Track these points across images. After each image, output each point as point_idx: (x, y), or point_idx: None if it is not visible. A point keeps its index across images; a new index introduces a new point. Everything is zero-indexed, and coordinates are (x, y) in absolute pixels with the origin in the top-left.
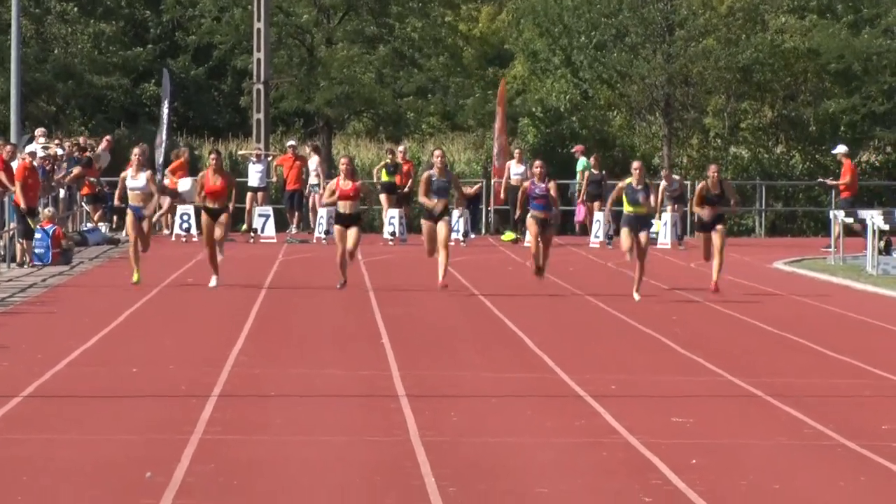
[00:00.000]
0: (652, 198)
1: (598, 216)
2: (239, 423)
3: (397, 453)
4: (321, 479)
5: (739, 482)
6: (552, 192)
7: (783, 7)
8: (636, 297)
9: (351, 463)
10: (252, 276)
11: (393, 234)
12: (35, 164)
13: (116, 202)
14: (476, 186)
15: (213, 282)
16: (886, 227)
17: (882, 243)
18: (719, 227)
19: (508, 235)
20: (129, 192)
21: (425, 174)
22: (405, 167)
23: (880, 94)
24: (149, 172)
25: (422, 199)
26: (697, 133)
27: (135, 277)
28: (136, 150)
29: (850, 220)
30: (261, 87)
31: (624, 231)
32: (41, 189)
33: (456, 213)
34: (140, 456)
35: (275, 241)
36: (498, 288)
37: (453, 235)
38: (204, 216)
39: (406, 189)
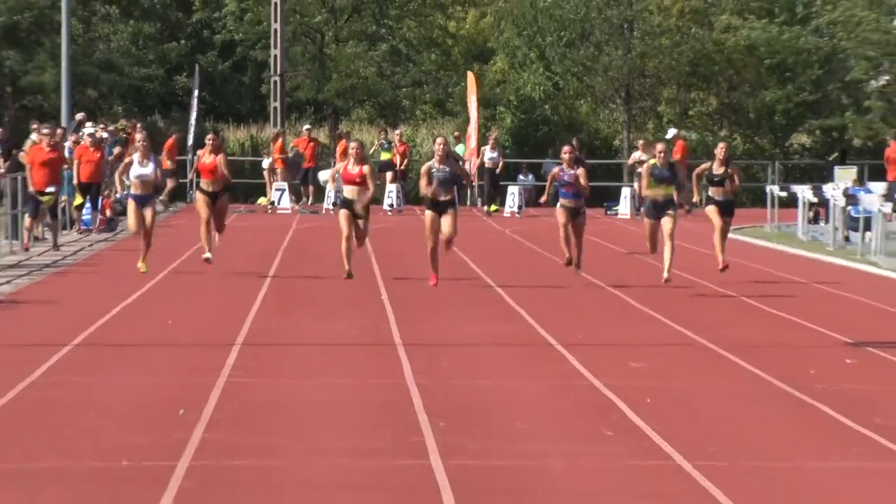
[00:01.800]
0: (680, 175)
1: None
2: (258, 368)
3: (395, 394)
4: (329, 416)
5: (687, 417)
6: (581, 180)
7: (727, 9)
8: (666, 276)
9: (355, 402)
10: (270, 241)
11: (391, 205)
12: (91, 145)
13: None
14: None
15: (207, 255)
16: (815, 200)
17: (811, 214)
18: (727, 218)
19: (493, 207)
20: (133, 180)
21: (425, 165)
22: (401, 148)
23: (810, 84)
24: (159, 159)
25: (423, 190)
26: (653, 119)
27: (141, 266)
28: (138, 137)
29: (783, 193)
30: (277, 78)
31: (647, 224)
32: (102, 167)
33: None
34: (174, 396)
35: (289, 211)
36: (482, 253)
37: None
38: (200, 196)
39: (402, 167)
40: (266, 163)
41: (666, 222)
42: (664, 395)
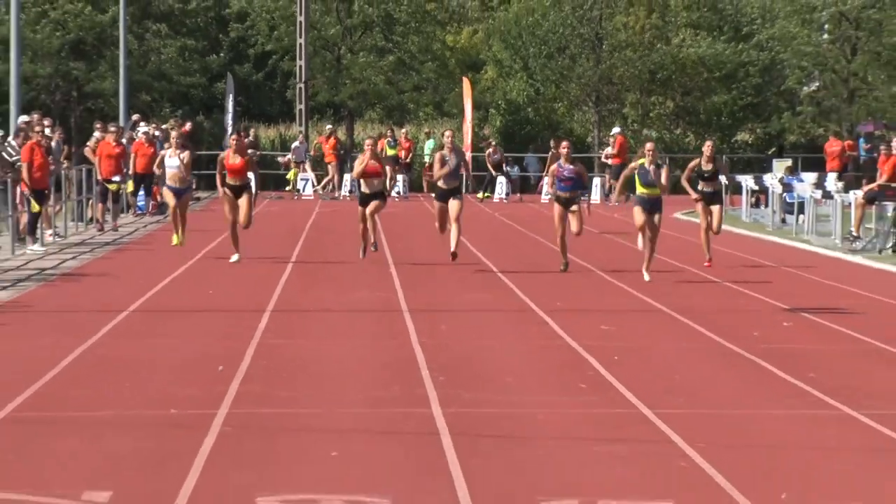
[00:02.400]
0: (664, 177)
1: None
2: (287, 330)
3: (401, 353)
4: (346, 371)
5: (650, 372)
6: (580, 172)
7: (682, 26)
8: (646, 276)
9: (368, 360)
10: (296, 222)
11: (398, 193)
12: (146, 141)
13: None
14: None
15: (234, 257)
16: (756, 188)
17: (753, 199)
18: (716, 206)
19: (482, 195)
20: (167, 171)
21: (438, 153)
22: (406, 145)
23: (752, 90)
24: (186, 153)
25: (437, 173)
26: (619, 119)
27: (175, 240)
28: (173, 133)
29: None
30: (302, 85)
31: (637, 209)
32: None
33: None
34: (214, 355)
35: (312, 198)
36: (476, 233)
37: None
38: (227, 197)
39: (406, 160)
40: (288, 157)
41: (654, 220)
42: (630, 354)
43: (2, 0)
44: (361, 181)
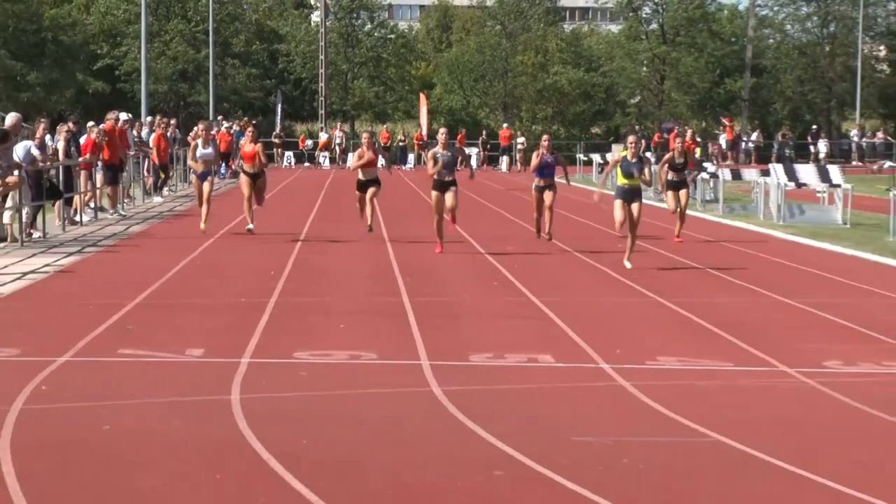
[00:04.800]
0: (646, 170)
1: (472, 150)
2: (314, 250)
3: (385, 264)
4: (350, 276)
5: (539, 276)
6: (560, 162)
7: (556, 63)
8: (627, 265)
9: (365, 269)
10: (317, 184)
11: (381, 165)
12: (227, 132)
13: (189, 162)
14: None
15: (250, 226)
16: (602, 162)
17: (600, 169)
18: (683, 191)
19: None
20: (197, 160)
21: (431, 151)
22: (386, 136)
23: (599, 101)
24: (216, 143)
25: (430, 170)
26: (517, 120)
27: (202, 226)
28: (200, 126)
29: (585, 158)
30: (322, 98)
31: (617, 203)
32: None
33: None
34: (267, 264)
35: (329, 168)
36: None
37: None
38: (243, 176)
39: (385, 144)
40: (314, 141)
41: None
42: (527, 266)
43: (135, 44)
44: (360, 170)
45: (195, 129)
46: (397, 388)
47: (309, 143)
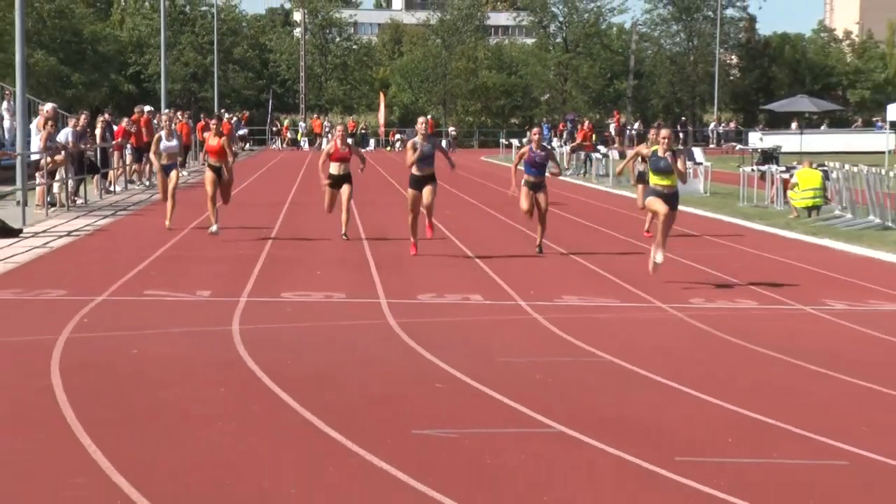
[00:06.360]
0: (680, 163)
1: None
2: (298, 210)
3: (354, 224)
4: (327, 239)
5: (471, 237)
6: (551, 157)
7: (483, 67)
8: (659, 258)
9: (337, 234)
10: (298, 162)
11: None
12: (229, 122)
13: (151, 156)
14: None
15: (213, 228)
16: (520, 145)
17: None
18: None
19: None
20: (162, 153)
21: (410, 141)
22: (352, 125)
23: (518, 97)
24: (179, 134)
25: (409, 159)
26: (454, 114)
27: (167, 223)
28: (164, 117)
29: (505, 141)
30: (303, 95)
31: (654, 201)
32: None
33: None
34: (262, 225)
35: (307, 149)
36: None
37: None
38: (208, 173)
39: (351, 132)
40: (299, 131)
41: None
42: (461, 227)
43: (156, 52)
44: (331, 163)
45: (125, 120)
46: (361, 321)
47: (293, 131)
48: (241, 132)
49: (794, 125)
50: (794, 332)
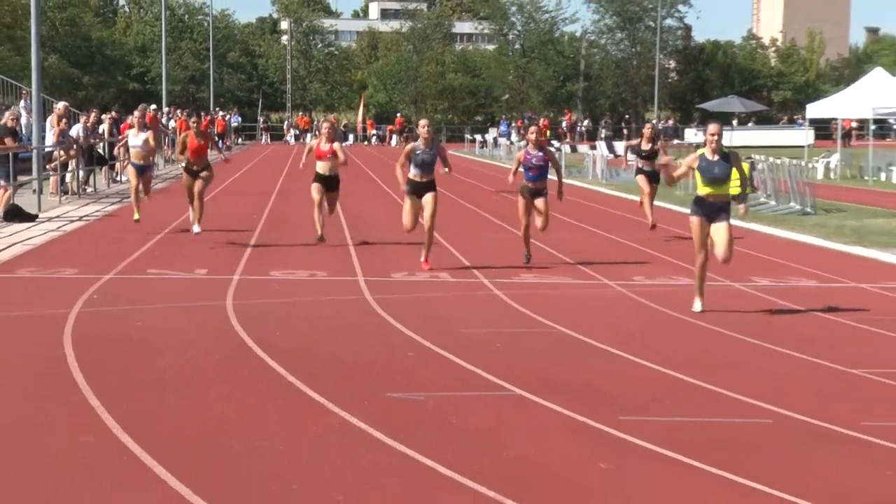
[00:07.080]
0: (734, 169)
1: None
2: (285, 199)
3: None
4: (309, 222)
5: (476, 247)
6: (550, 161)
7: (450, 71)
8: (698, 306)
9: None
10: (287, 152)
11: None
12: (222, 118)
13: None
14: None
15: (196, 228)
16: (482, 139)
17: (482, 143)
18: (654, 184)
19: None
20: (131, 149)
21: (409, 146)
22: (332, 120)
23: (481, 97)
24: (149, 133)
25: (398, 169)
26: (424, 112)
27: (136, 216)
28: (136, 113)
29: (471, 137)
30: (289, 95)
31: (694, 222)
32: (227, 126)
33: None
34: (252, 209)
35: (293, 144)
36: (398, 192)
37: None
38: (185, 176)
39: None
40: (285, 126)
41: (721, 233)
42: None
43: (158, 56)
44: (317, 161)
45: (130, 117)
46: (341, 296)
47: (288, 130)
48: (234, 122)
49: (735, 122)
50: (726, 305)
